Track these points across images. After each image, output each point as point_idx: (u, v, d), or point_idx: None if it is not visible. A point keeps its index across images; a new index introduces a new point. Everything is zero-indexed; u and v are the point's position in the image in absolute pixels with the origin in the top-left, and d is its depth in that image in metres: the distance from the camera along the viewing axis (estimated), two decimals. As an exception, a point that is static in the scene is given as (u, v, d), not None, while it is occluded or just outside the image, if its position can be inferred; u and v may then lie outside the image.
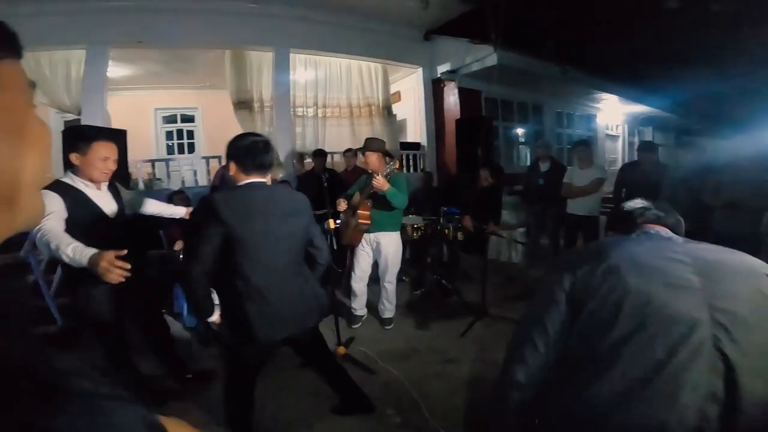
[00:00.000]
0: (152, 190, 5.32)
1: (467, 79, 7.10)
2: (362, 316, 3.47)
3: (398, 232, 3.33)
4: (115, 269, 1.60)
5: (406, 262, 4.70)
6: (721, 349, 0.81)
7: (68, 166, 2.02)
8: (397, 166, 3.09)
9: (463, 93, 7.20)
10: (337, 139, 6.30)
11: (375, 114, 6.74)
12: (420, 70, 7.21)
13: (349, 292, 3.54)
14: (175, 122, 8.05)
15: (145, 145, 7.32)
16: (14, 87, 0.40)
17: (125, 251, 1.66)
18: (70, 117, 5.70)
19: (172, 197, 3.75)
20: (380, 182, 2.85)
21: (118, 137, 4.21)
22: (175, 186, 5.36)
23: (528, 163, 7.63)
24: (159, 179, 6.02)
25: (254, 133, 1.85)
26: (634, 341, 0.86)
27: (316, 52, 6.07)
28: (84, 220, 1.92)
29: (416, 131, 7.61)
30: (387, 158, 3.12)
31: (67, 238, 1.74)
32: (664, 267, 0.93)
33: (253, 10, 5.41)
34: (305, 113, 6.13)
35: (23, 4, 4.41)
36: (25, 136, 0.40)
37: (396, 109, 7.49)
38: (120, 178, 2.60)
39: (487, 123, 6.76)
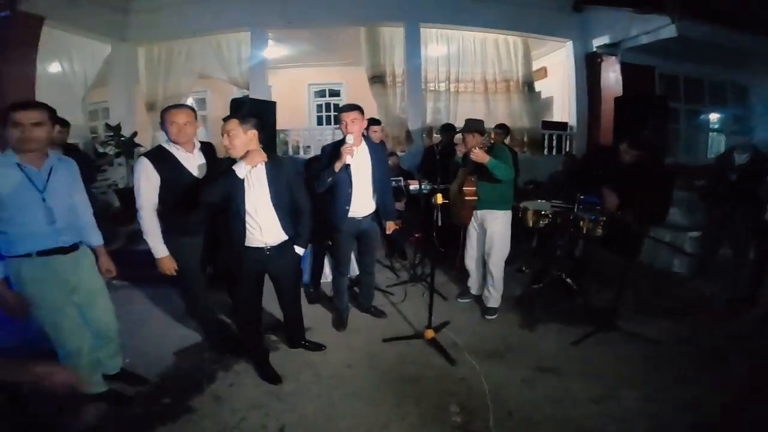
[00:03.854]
0: (299, 155, 6.04)
1: (634, 54, 6.00)
2: (473, 294, 3.38)
3: (507, 212, 3.02)
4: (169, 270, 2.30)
5: (530, 252, 4.25)
6: None
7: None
8: (493, 137, 2.83)
9: (628, 69, 6.17)
10: (471, 114, 6.00)
11: (513, 90, 6.23)
12: (569, 44, 6.38)
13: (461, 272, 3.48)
14: (324, 96, 8.97)
15: (301, 116, 8.35)
16: None
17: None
18: (245, 92, 6.80)
19: (311, 162, 3.98)
20: (479, 154, 2.69)
21: (269, 108, 4.80)
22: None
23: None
24: (308, 146, 6.77)
25: None
26: None
27: (448, 25, 5.87)
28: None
29: (565, 110, 6.72)
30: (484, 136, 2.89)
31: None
32: None
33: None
34: (437, 88, 6.00)
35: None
36: None
37: (542, 85, 6.74)
38: (268, 144, 2.90)
39: (659, 103, 5.55)
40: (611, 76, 6.23)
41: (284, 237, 2.26)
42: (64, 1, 4.67)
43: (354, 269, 3.44)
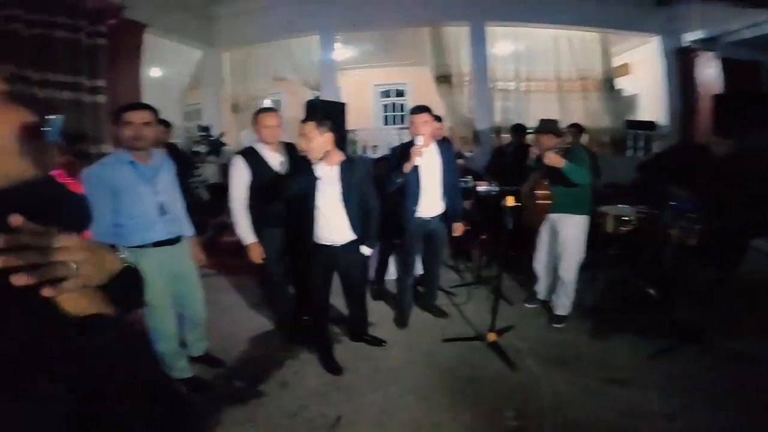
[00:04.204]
0: (366, 154, 6.22)
1: (735, 49, 5.38)
2: (541, 299, 3.23)
3: (583, 216, 2.86)
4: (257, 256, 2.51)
5: (608, 260, 3.98)
6: None
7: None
8: (569, 141, 2.70)
9: (729, 65, 5.53)
10: (543, 113, 5.74)
11: (591, 88, 5.85)
12: (656, 39, 5.84)
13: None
14: (390, 96, 9.13)
15: (367, 116, 8.55)
16: None
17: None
18: (316, 93, 7.11)
19: (378, 162, 4.06)
20: (553, 158, 2.59)
21: (339, 109, 4.97)
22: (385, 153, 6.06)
23: None
24: (375, 146, 6.94)
25: None
26: None
27: (516, 23, 5.62)
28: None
29: (653, 109, 6.18)
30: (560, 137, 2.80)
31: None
32: None
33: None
34: (506, 87, 5.82)
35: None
36: None
37: (624, 83, 6.28)
38: (340, 145, 3.03)
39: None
40: (708, 72, 5.61)
41: (352, 236, 2.35)
42: (161, 9, 5.07)
43: (418, 268, 3.48)
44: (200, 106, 6.86)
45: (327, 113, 3.17)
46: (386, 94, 9.10)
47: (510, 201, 2.51)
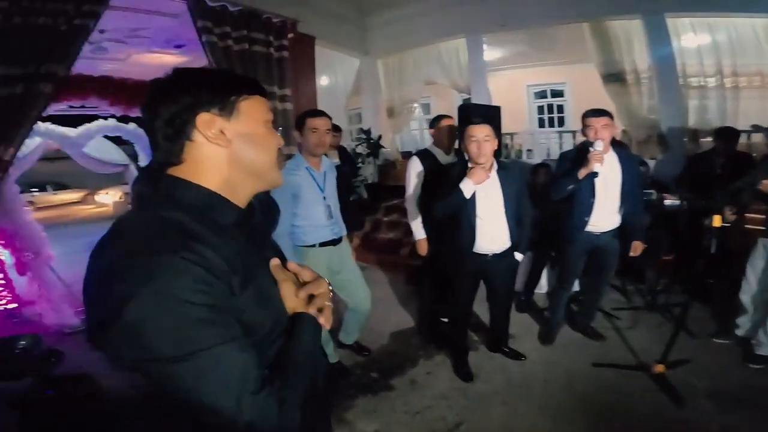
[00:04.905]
0: (521, 160, 5.97)
1: None
2: (740, 335, 2.61)
3: None
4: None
5: None
6: None
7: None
8: None
9: None
10: (761, 113, 4.57)
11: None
12: None
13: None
14: (545, 97, 8.40)
15: (520, 119, 8.07)
16: (253, 115, 0.68)
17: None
18: (465, 96, 7.09)
19: (536, 169, 3.87)
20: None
21: (495, 113, 4.85)
22: (541, 157, 5.73)
23: None
24: (530, 150, 6.62)
25: None
26: None
27: (704, 14, 4.53)
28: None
29: None
30: None
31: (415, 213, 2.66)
32: None
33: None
34: (703, 83, 4.79)
35: (412, 5, 5.85)
36: (264, 145, 0.71)
37: None
38: (498, 150, 2.97)
39: None
40: None
41: (508, 244, 2.30)
42: (325, 22, 5.58)
43: (575, 284, 3.19)
44: (360, 111, 7.53)
45: (492, 117, 3.18)
46: (541, 94, 8.43)
47: (717, 221, 2.10)
